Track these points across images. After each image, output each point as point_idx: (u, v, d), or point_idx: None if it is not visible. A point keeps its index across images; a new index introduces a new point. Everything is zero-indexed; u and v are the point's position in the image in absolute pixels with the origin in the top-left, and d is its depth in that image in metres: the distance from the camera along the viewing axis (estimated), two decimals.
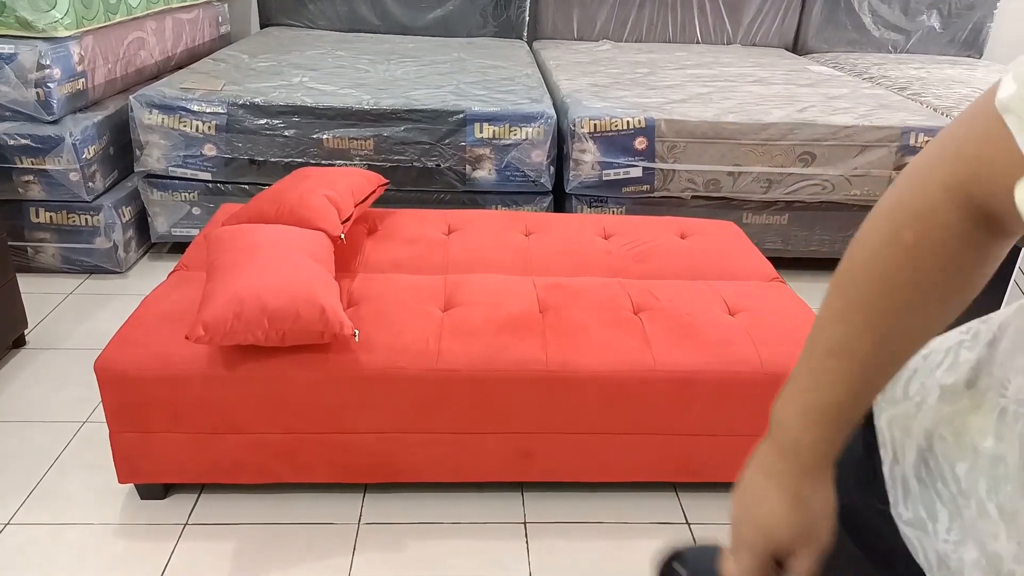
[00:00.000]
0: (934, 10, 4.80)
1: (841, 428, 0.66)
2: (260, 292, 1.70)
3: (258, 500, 1.93)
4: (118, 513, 1.88)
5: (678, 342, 1.89)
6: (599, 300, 2.05)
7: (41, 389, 2.34)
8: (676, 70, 3.89)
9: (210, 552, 1.78)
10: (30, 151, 2.79)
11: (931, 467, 0.67)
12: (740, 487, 0.73)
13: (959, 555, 0.63)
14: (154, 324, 1.85)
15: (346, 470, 1.89)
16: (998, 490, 0.60)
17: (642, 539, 1.88)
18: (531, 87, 3.40)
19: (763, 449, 0.70)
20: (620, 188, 3.04)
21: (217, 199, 3.05)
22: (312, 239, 1.99)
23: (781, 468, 0.67)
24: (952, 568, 0.64)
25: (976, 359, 0.68)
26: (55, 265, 3.01)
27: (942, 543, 0.65)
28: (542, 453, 1.90)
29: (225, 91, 3.07)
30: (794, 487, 0.67)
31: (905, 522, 0.69)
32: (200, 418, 1.79)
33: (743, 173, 3.05)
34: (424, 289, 2.06)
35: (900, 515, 0.70)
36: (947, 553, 0.65)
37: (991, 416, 0.63)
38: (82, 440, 2.12)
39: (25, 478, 1.98)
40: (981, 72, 4.36)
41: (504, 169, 3.05)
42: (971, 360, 0.69)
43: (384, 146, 3.02)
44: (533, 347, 1.84)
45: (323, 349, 1.78)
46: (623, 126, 2.97)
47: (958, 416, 0.66)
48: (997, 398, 0.63)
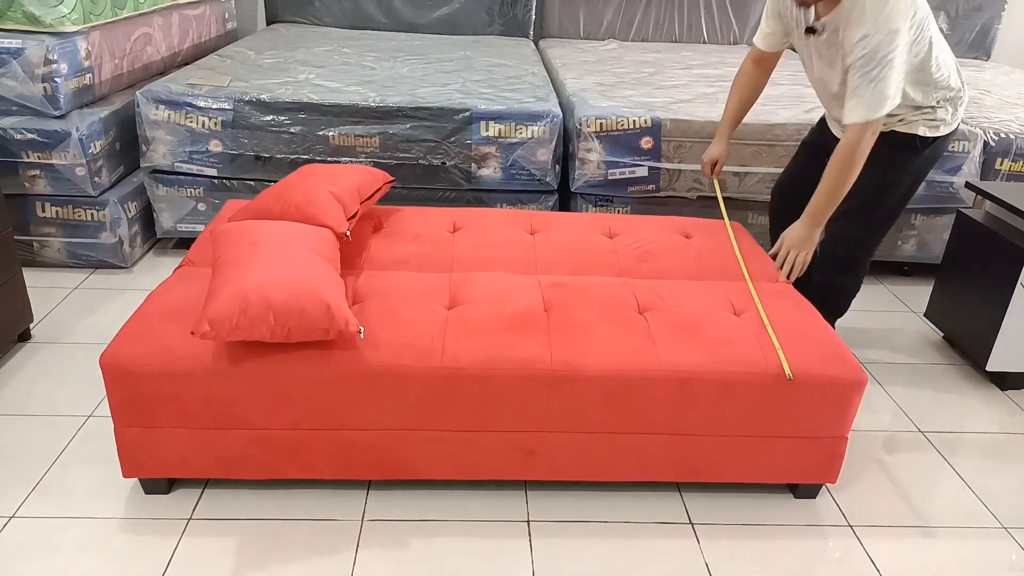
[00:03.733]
0: (941, 12, 4.78)
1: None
2: (265, 288, 1.70)
3: (262, 496, 1.93)
4: (122, 507, 1.88)
5: (683, 342, 1.89)
6: (604, 299, 2.04)
7: (46, 383, 2.34)
8: (682, 70, 3.88)
9: (214, 547, 1.78)
10: (36, 146, 2.80)
11: None
12: (804, 232, 2.14)
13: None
14: (159, 319, 1.85)
15: (350, 467, 1.90)
16: None
17: (645, 539, 1.88)
18: (537, 86, 3.40)
19: (809, 226, 2.14)
20: (625, 187, 3.04)
21: (223, 195, 3.06)
22: (317, 236, 1.99)
23: (816, 231, 2.12)
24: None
25: None
26: (61, 260, 3.02)
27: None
28: (546, 451, 1.90)
29: (231, 87, 3.07)
30: (817, 232, 2.12)
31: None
32: (204, 413, 1.79)
33: (749, 173, 3.05)
34: (429, 287, 2.06)
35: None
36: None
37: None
38: (86, 434, 2.13)
39: (29, 472, 1.98)
40: (989, 74, 4.34)
41: (509, 167, 3.05)
42: None
43: (390, 143, 3.02)
44: (537, 345, 1.84)
45: (328, 346, 1.78)
46: (629, 125, 2.97)
47: None
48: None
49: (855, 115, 1.98)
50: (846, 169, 2.03)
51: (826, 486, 2.07)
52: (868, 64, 1.93)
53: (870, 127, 1.99)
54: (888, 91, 1.95)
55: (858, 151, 2.01)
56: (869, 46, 1.92)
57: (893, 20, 1.91)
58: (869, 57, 1.92)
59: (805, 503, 2.03)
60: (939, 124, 2.21)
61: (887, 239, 3.20)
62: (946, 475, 2.19)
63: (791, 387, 1.84)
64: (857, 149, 2.01)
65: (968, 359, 2.76)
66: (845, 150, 2.03)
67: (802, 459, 1.95)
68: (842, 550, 1.90)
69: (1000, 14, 4.84)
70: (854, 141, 2.00)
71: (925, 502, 2.07)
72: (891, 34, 1.91)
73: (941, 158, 2.96)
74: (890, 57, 1.92)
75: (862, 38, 1.93)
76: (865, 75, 1.94)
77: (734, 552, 1.86)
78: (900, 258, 3.30)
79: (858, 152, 2.01)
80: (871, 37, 1.91)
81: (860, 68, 1.95)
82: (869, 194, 2.24)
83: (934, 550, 1.91)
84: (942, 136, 2.23)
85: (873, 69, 1.93)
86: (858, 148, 2.01)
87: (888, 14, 1.90)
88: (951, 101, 2.21)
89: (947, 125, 2.23)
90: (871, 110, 1.96)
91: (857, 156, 2.02)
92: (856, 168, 2.04)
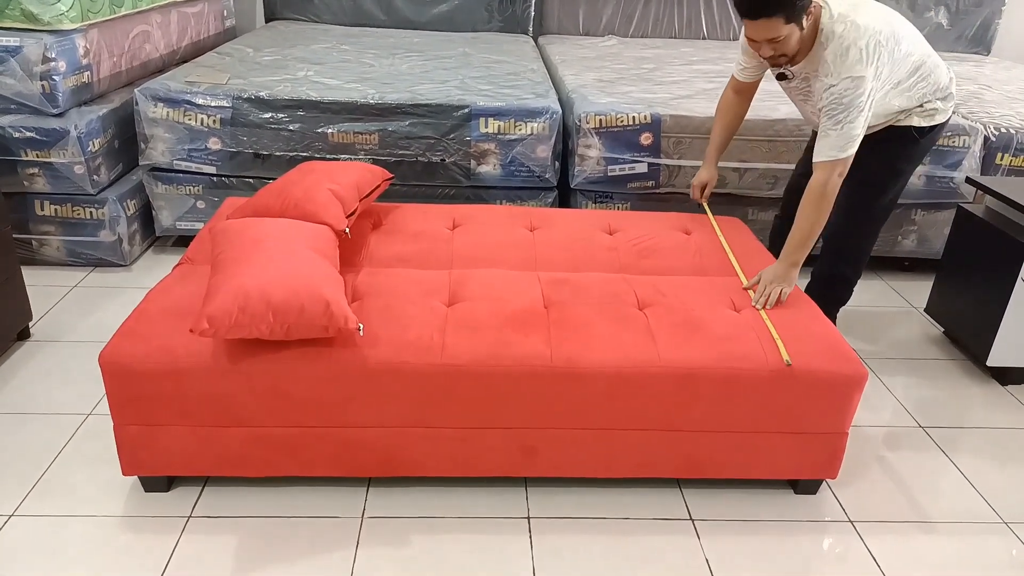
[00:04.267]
0: (942, 6, 4.77)
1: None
2: (265, 286, 1.70)
3: (262, 493, 1.93)
4: (122, 505, 1.88)
5: (683, 338, 1.88)
6: (604, 296, 2.04)
7: (45, 382, 2.34)
8: (682, 66, 3.88)
9: (214, 545, 1.78)
10: (35, 144, 2.79)
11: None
12: (781, 271, 2.11)
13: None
14: (159, 317, 1.85)
15: (350, 464, 1.89)
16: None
17: (646, 535, 1.88)
18: (536, 82, 3.39)
19: (787, 266, 2.11)
20: (625, 184, 3.03)
21: (222, 193, 3.05)
22: (317, 233, 1.99)
23: (794, 271, 2.10)
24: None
25: None
26: (60, 258, 3.01)
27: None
28: (546, 448, 1.90)
29: (230, 85, 3.06)
30: (795, 273, 2.10)
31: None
32: (204, 411, 1.79)
33: (749, 169, 3.04)
34: (429, 284, 2.05)
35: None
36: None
37: None
38: (86, 432, 2.13)
39: (29, 470, 1.98)
40: (989, 69, 4.33)
41: (509, 164, 3.04)
42: None
43: (389, 140, 3.01)
44: (537, 342, 1.84)
45: (327, 343, 1.78)
46: (628, 122, 2.96)
47: None
48: None
49: (823, 155, 2.07)
50: (817, 208, 2.11)
51: (827, 482, 2.07)
52: (835, 110, 2.03)
53: (837, 167, 2.08)
54: (855, 132, 2.04)
55: (827, 189, 2.09)
56: (835, 93, 2.02)
57: (855, 69, 1.99)
58: (835, 103, 2.03)
59: (806, 499, 2.03)
60: (933, 113, 2.28)
61: (888, 235, 3.22)
62: (946, 470, 2.19)
63: (791, 383, 1.84)
64: (826, 188, 2.08)
65: (969, 354, 2.75)
66: (815, 191, 2.10)
67: (803, 455, 1.95)
68: (843, 546, 1.90)
69: (1000, 9, 4.83)
70: (822, 181, 2.08)
71: (925, 498, 2.07)
72: (855, 81, 2.00)
73: (940, 150, 3.02)
74: (857, 102, 2.01)
75: (828, 88, 2.04)
76: (832, 118, 2.04)
77: (734, 548, 1.86)
78: (901, 254, 3.30)
79: (827, 190, 2.09)
80: (836, 86, 2.02)
81: (828, 113, 2.05)
82: (872, 185, 2.35)
83: (934, 545, 1.91)
84: (938, 124, 2.30)
85: (840, 113, 2.03)
86: (827, 187, 2.08)
87: (850, 64, 2.00)
88: (937, 94, 2.26)
89: (942, 113, 2.29)
90: (839, 150, 2.06)
91: (827, 194, 2.10)
92: (827, 206, 2.11)
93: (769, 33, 1.98)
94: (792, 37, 1.99)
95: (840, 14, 2.02)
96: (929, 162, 3.07)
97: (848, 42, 1.99)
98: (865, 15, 2.03)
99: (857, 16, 2.02)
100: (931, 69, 2.22)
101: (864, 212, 2.41)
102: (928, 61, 2.21)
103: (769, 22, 1.95)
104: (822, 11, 2.03)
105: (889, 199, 2.41)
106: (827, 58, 2.02)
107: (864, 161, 2.23)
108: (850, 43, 1.99)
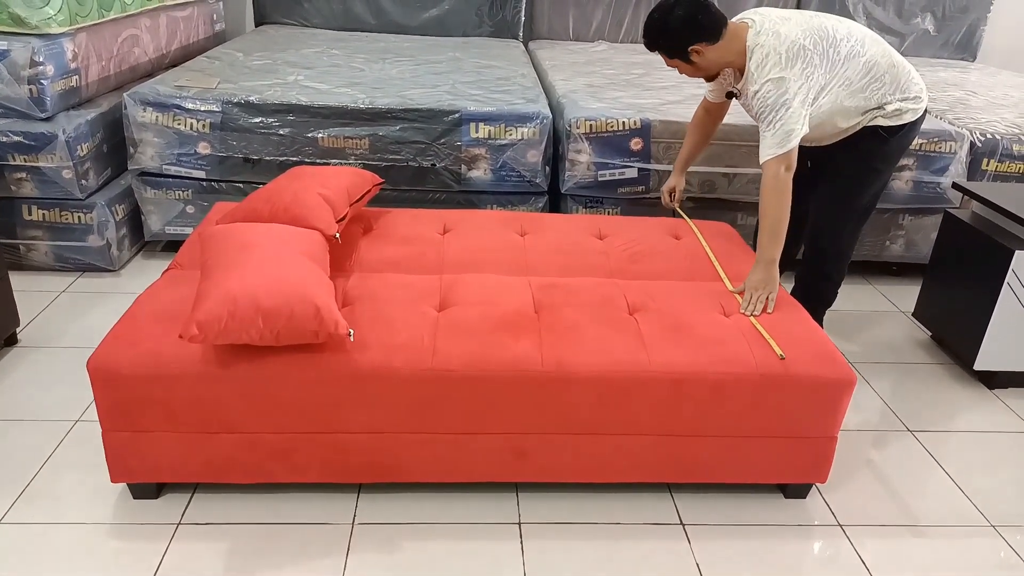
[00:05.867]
0: (928, 13, 4.81)
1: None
2: (254, 291, 1.69)
3: (252, 500, 1.92)
4: (110, 512, 1.87)
5: (673, 342, 1.89)
6: (594, 300, 2.05)
7: (33, 387, 2.32)
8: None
9: (203, 552, 1.77)
10: (23, 148, 2.78)
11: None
12: (761, 275, 2.12)
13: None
14: (147, 323, 1.84)
15: (340, 470, 1.89)
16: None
17: (636, 540, 1.88)
18: (527, 87, 3.40)
19: (765, 266, 2.14)
20: (616, 189, 3.04)
21: (211, 197, 3.04)
22: (307, 238, 1.99)
23: (773, 268, 2.12)
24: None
25: None
26: (48, 263, 3.00)
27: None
28: (537, 453, 1.90)
29: (220, 89, 3.05)
30: (774, 272, 2.12)
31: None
32: (194, 417, 1.78)
33: (738, 175, 3.06)
34: (419, 289, 2.05)
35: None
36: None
37: None
38: (74, 439, 2.11)
39: (17, 477, 1.96)
40: (975, 75, 4.37)
41: (500, 169, 3.04)
42: None
43: (379, 145, 3.01)
44: (528, 347, 1.84)
45: (317, 348, 1.77)
46: (619, 127, 2.98)
47: None
48: None
49: (766, 154, 2.15)
50: (776, 202, 2.15)
51: (816, 486, 2.08)
52: (764, 112, 2.12)
53: (782, 162, 2.11)
54: (789, 126, 2.10)
55: (779, 183, 2.13)
56: (759, 97, 2.12)
57: (773, 72, 2.09)
58: (762, 107, 2.12)
59: (795, 503, 2.04)
60: (900, 113, 2.31)
61: (876, 239, 3.24)
62: (935, 474, 2.20)
63: (781, 387, 1.85)
64: (777, 181, 2.13)
65: (956, 358, 2.77)
66: (768, 186, 2.15)
67: (792, 459, 1.96)
68: (832, 550, 1.90)
69: (986, 16, 4.88)
70: (772, 175, 2.13)
71: (914, 501, 2.08)
72: (775, 83, 2.09)
73: (927, 156, 3.04)
74: (782, 100, 2.09)
75: (754, 95, 2.14)
76: (764, 121, 2.13)
77: (725, 553, 1.86)
78: (888, 258, 3.32)
79: (779, 183, 2.13)
80: (760, 91, 2.12)
81: (760, 118, 2.14)
82: (851, 185, 2.40)
83: (923, 549, 1.92)
84: (909, 123, 2.33)
85: (769, 115, 2.11)
86: (777, 179, 2.13)
87: (768, 68, 2.09)
88: (897, 95, 2.29)
89: (910, 113, 2.32)
90: (779, 147, 2.11)
91: (779, 187, 2.13)
92: (784, 198, 2.15)
93: (666, 61, 2.24)
94: (689, 68, 2.22)
95: (764, 29, 2.12)
96: (916, 167, 3.09)
97: (767, 50, 2.10)
98: (791, 25, 2.13)
99: (780, 27, 2.13)
100: (886, 70, 2.25)
101: (844, 211, 2.45)
102: (882, 62, 2.25)
103: (660, 54, 2.22)
104: (748, 30, 2.15)
105: (868, 199, 2.45)
106: (751, 68, 2.13)
107: (840, 161, 2.36)
108: (769, 50, 2.10)
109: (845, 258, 2.57)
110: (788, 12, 2.23)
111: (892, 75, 2.27)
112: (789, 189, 2.13)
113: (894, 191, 3.12)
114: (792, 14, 2.21)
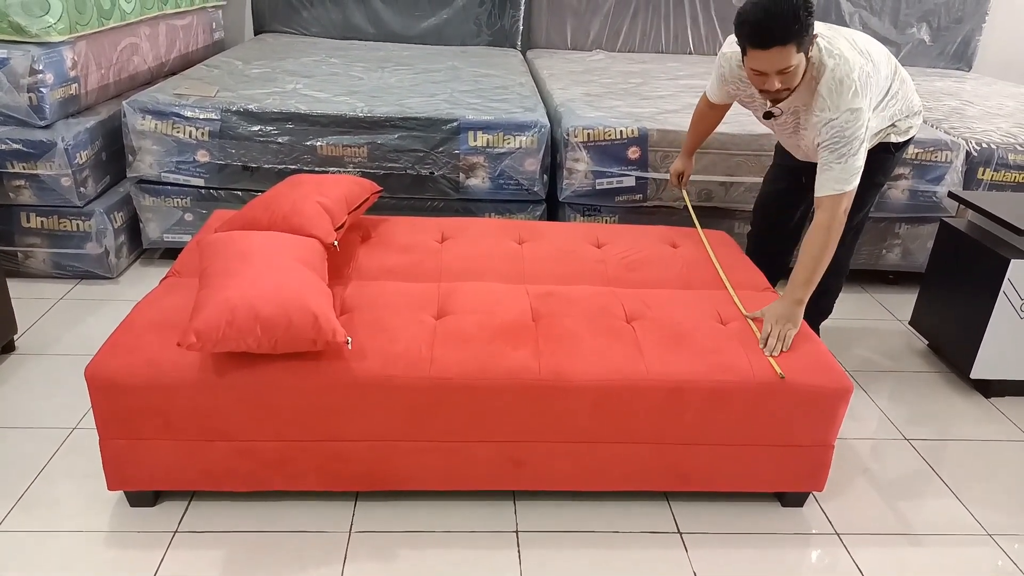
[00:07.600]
0: (924, 23, 4.84)
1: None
2: (252, 299, 1.69)
3: (249, 508, 1.92)
4: (107, 520, 1.87)
5: (670, 351, 1.90)
6: (592, 309, 2.05)
7: (30, 395, 2.32)
8: (669, 80, 3.91)
9: (200, 560, 1.77)
10: (22, 156, 2.78)
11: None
12: (785, 311, 2.01)
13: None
14: (145, 331, 1.84)
15: (337, 478, 1.89)
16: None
17: (634, 548, 1.88)
18: (525, 96, 3.41)
19: (792, 303, 2.02)
20: (613, 197, 3.05)
21: (210, 205, 3.05)
22: (305, 246, 1.99)
23: (799, 308, 2.02)
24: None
25: None
26: (46, 270, 3.00)
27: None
28: (534, 461, 1.90)
29: (219, 97, 3.06)
30: (800, 312, 2.02)
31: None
32: (191, 425, 1.78)
33: (735, 183, 3.07)
34: (417, 297, 2.06)
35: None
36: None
37: None
38: (71, 446, 2.11)
39: (13, 484, 1.96)
40: (970, 85, 4.40)
41: (498, 177, 3.05)
42: None
43: (378, 153, 3.02)
44: (526, 355, 1.84)
45: (315, 356, 1.78)
46: (616, 136, 2.99)
47: None
48: None
49: (829, 189, 2.01)
50: (824, 246, 2.03)
51: (813, 494, 2.08)
52: (837, 144, 1.98)
53: (843, 202, 2.01)
54: (858, 163, 2.01)
55: (834, 224, 2.02)
56: (836, 127, 1.97)
57: (854, 102, 1.97)
58: (837, 137, 1.98)
59: (792, 511, 2.04)
60: (908, 130, 2.34)
61: (872, 248, 3.25)
62: (931, 483, 2.20)
63: (778, 396, 1.85)
64: (832, 223, 2.02)
65: (952, 367, 2.78)
66: (822, 227, 2.02)
67: (789, 467, 1.96)
68: (830, 558, 1.91)
69: (981, 26, 4.91)
70: (829, 216, 2.01)
71: (911, 510, 2.08)
72: (854, 113, 1.97)
73: (923, 165, 3.08)
74: (858, 134, 1.97)
75: (828, 122, 1.98)
76: (835, 152, 1.98)
77: (722, 561, 1.86)
78: (885, 267, 3.33)
79: (834, 225, 2.02)
80: (836, 119, 1.97)
81: (831, 147, 1.99)
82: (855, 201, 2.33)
83: (920, 557, 1.93)
84: (910, 138, 2.38)
85: (843, 147, 1.98)
86: (833, 222, 2.02)
87: (849, 98, 1.96)
88: (906, 111, 2.31)
89: (914, 128, 2.36)
90: (844, 183, 2.00)
91: (833, 229, 2.02)
92: (833, 243, 2.03)
93: (780, 63, 1.88)
94: (800, 68, 1.93)
95: (826, 48, 2.00)
96: (912, 176, 3.11)
97: (841, 74, 1.97)
98: (846, 46, 2.02)
99: (840, 47, 2.00)
100: (899, 87, 2.25)
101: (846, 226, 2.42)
102: (895, 80, 2.23)
103: (783, 51, 1.86)
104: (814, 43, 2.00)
105: (866, 211, 2.47)
106: (822, 92, 1.98)
107: None
108: (843, 75, 1.96)
109: (844, 271, 2.58)
110: (829, 27, 2.08)
111: (904, 91, 2.25)
112: (840, 232, 2.03)
113: (890, 200, 3.13)
114: (836, 30, 2.08)
